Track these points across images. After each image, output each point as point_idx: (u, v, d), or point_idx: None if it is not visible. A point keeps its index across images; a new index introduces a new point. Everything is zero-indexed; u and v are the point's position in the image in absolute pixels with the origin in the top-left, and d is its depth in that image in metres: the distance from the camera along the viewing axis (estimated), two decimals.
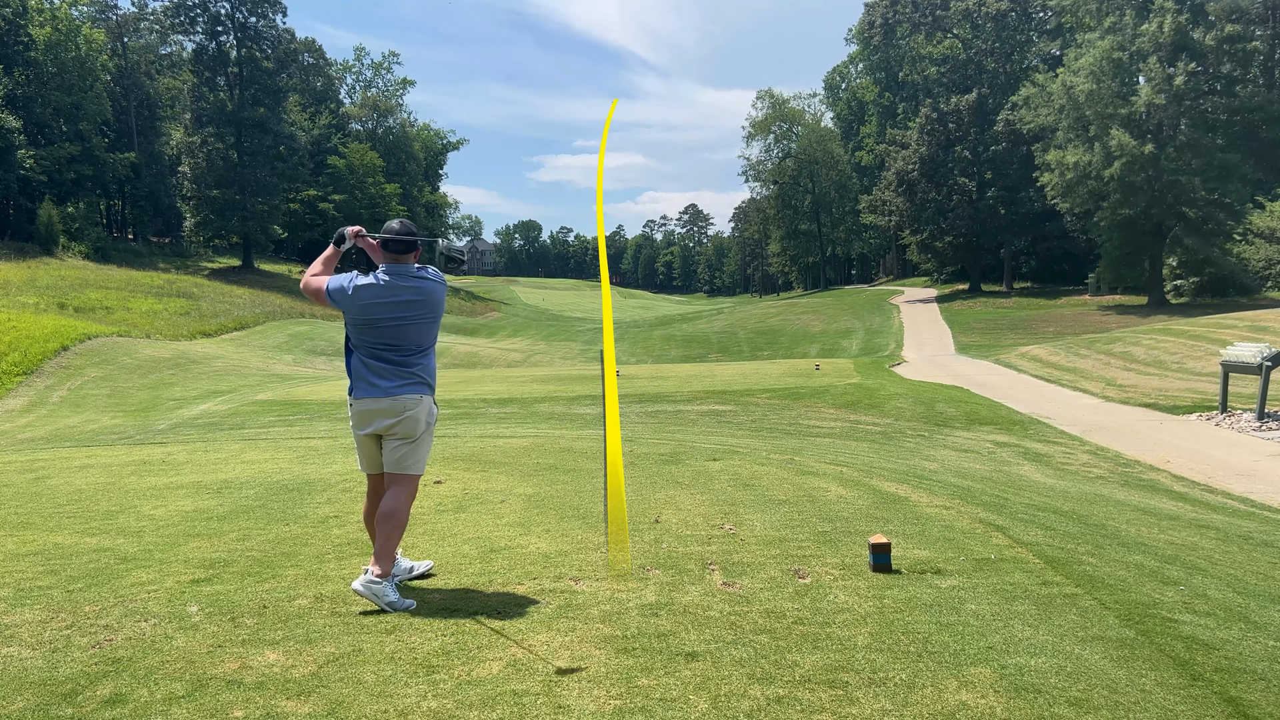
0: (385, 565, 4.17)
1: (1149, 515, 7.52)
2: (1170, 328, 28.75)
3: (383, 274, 4.37)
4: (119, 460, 9.46)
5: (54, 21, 56.65)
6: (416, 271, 4.42)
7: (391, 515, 4.26)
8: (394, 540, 4.24)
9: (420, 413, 4.36)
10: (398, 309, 4.32)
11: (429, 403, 4.43)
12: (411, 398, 4.34)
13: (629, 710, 3.02)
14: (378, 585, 4.10)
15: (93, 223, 57.44)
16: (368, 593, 4.09)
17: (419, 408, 4.35)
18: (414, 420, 4.34)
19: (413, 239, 4.40)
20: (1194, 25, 43.51)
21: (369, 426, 4.35)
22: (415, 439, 4.36)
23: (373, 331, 4.34)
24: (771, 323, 54.64)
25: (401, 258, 4.41)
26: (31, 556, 5.24)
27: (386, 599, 4.09)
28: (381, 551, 4.20)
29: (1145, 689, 3.19)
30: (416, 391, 4.36)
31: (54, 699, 3.20)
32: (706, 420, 15.29)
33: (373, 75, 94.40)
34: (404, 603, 4.14)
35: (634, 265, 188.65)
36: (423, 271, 4.44)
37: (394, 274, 4.36)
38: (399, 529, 4.27)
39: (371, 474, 4.50)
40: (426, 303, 4.39)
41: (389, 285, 4.32)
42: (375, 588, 4.10)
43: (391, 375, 4.32)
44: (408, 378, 4.35)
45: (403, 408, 4.31)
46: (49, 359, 27.70)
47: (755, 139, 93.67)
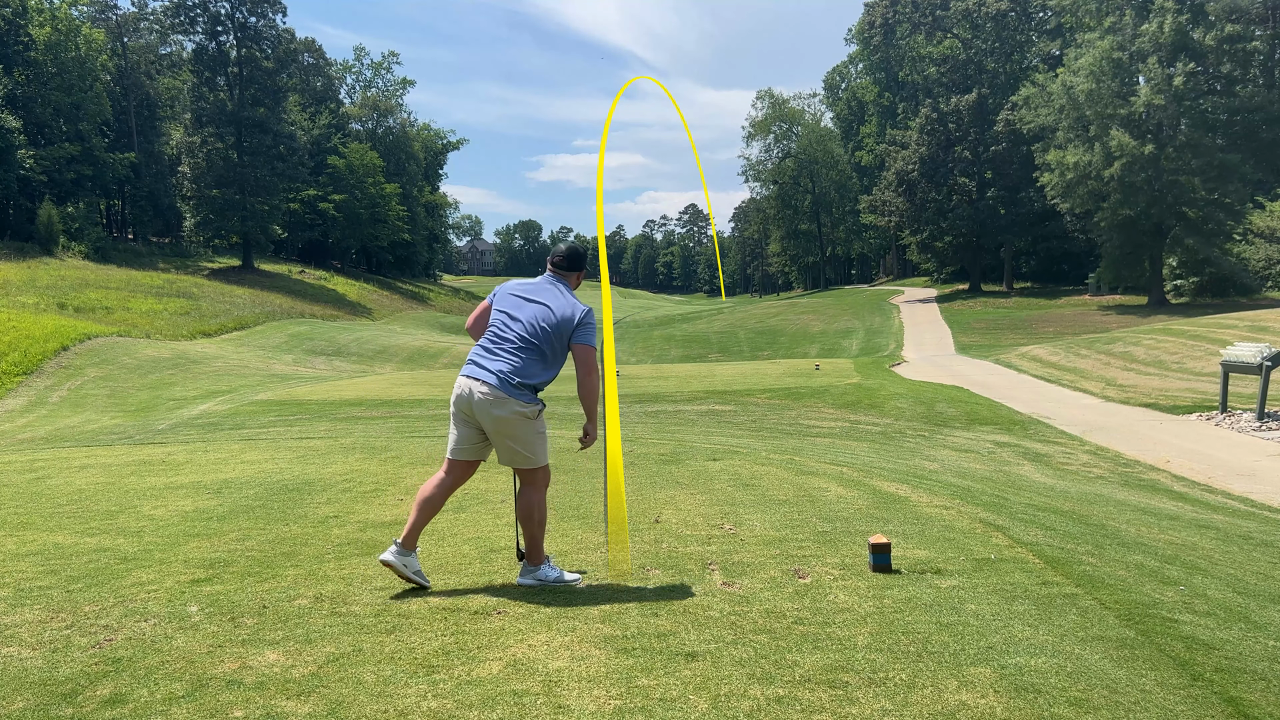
0: (537, 555, 4.50)
1: (1149, 515, 7.52)
2: (1170, 328, 28.75)
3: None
4: (119, 460, 9.46)
5: (54, 21, 56.63)
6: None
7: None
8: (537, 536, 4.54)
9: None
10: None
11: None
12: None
13: (629, 710, 3.02)
14: (537, 570, 4.45)
15: (93, 223, 57.42)
16: (533, 581, 4.43)
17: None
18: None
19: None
20: (1194, 25, 43.53)
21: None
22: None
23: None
24: (771, 323, 54.63)
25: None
26: (31, 556, 5.24)
27: (554, 576, 4.45)
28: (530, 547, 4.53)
29: (1145, 689, 3.19)
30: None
31: (54, 699, 3.20)
32: (706, 420, 15.29)
33: (373, 75, 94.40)
34: (570, 577, 4.49)
35: (634, 265, 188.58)
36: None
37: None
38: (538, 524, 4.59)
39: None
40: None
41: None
42: (537, 574, 4.44)
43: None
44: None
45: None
46: (49, 359, 27.70)
47: (755, 139, 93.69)
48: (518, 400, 4.34)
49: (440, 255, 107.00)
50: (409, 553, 4.38)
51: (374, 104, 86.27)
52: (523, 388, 4.36)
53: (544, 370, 4.42)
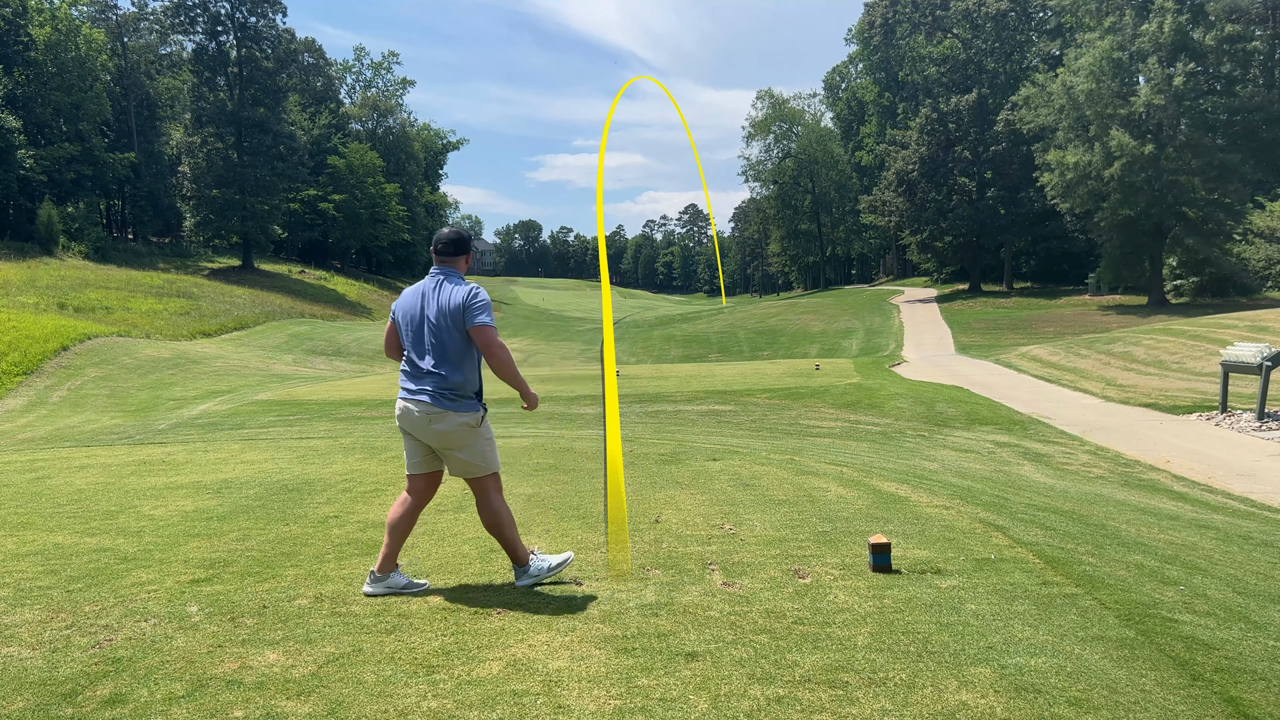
0: (520, 555, 4.49)
1: (1149, 515, 7.52)
2: (1170, 328, 28.75)
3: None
4: (119, 460, 9.46)
5: (54, 21, 56.63)
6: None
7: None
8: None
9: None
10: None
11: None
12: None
13: (629, 710, 3.02)
14: (529, 568, 4.43)
15: (93, 223, 57.41)
16: (531, 580, 4.42)
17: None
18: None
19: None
20: (1194, 25, 43.52)
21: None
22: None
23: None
24: (771, 323, 54.64)
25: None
26: (31, 556, 5.24)
27: (547, 566, 4.47)
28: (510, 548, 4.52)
29: (1145, 689, 3.19)
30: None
31: (54, 699, 3.20)
32: (706, 420, 15.29)
33: (373, 75, 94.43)
34: (560, 558, 4.55)
35: (634, 265, 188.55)
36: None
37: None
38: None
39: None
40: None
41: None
42: (530, 571, 4.42)
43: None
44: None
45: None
46: (49, 359, 27.70)
47: (755, 139, 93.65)
48: (457, 412, 4.25)
49: None
50: (388, 574, 4.36)
51: (374, 104, 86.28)
52: (458, 396, 4.27)
53: (470, 370, 4.32)
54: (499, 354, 4.27)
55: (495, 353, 4.27)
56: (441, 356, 4.28)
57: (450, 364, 4.27)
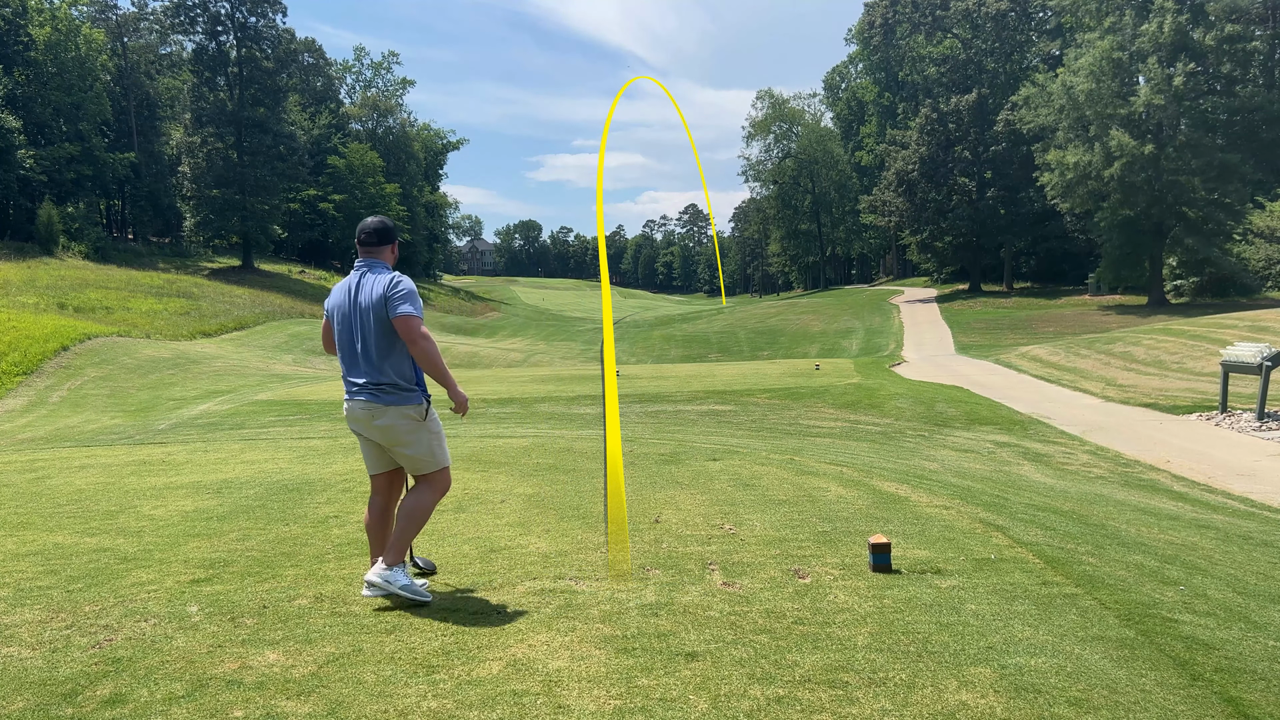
0: (394, 557, 4.21)
1: (1149, 515, 7.52)
2: (1170, 328, 28.75)
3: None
4: (119, 460, 9.46)
5: (54, 21, 56.63)
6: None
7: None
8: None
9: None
10: None
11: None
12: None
13: (629, 710, 3.02)
14: (388, 571, 4.14)
15: (93, 223, 57.41)
16: (380, 583, 4.11)
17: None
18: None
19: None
20: (1194, 25, 43.51)
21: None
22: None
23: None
24: (771, 323, 54.63)
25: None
26: (31, 556, 5.24)
27: (400, 584, 4.12)
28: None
29: (1145, 689, 3.19)
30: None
31: (54, 699, 3.20)
32: (706, 420, 15.28)
33: (373, 75, 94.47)
34: (418, 586, 4.19)
35: (634, 265, 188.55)
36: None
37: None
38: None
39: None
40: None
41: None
42: (387, 575, 4.12)
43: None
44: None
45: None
46: (49, 359, 27.70)
47: (755, 139, 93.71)
48: (398, 405, 4.15)
49: (440, 255, 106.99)
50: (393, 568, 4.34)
51: (374, 104, 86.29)
52: (395, 389, 4.16)
53: (403, 362, 4.19)
54: (422, 344, 4.11)
55: (418, 343, 4.11)
56: (373, 351, 4.16)
57: (382, 358, 4.15)
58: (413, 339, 4.11)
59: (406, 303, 4.12)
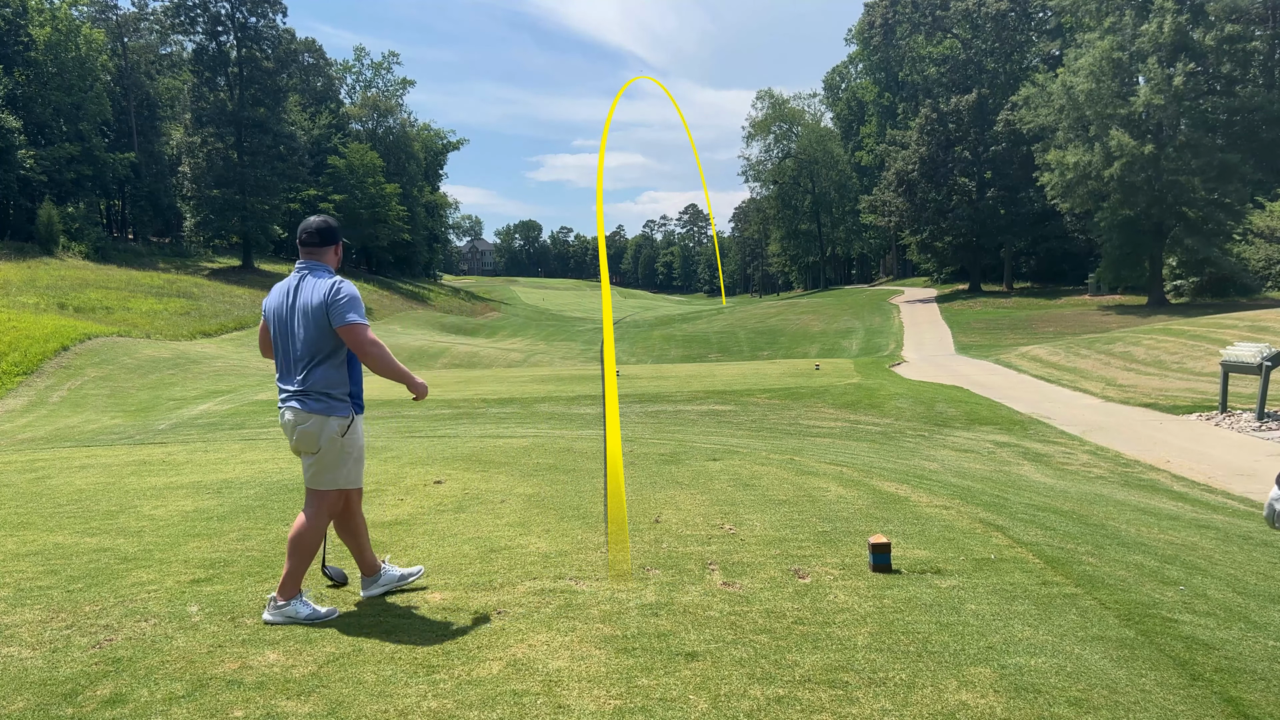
0: (290, 589, 4.02)
1: (1149, 515, 7.52)
2: (1170, 328, 28.74)
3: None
4: (119, 460, 9.46)
5: (54, 21, 56.62)
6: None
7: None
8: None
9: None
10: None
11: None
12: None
13: (629, 710, 3.02)
14: (286, 606, 3.95)
15: (93, 223, 57.40)
16: (280, 618, 3.94)
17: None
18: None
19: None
20: (1194, 25, 43.51)
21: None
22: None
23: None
24: (771, 323, 54.63)
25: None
26: (31, 556, 5.24)
27: (303, 615, 3.96)
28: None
29: (1145, 689, 3.19)
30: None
31: (54, 699, 3.20)
32: (706, 420, 15.28)
33: (373, 75, 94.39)
34: (323, 612, 4.03)
35: (634, 265, 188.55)
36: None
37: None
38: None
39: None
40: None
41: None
42: (286, 609, 3.94)
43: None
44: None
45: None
46: (49, 359, 27.69)
47: (755, 139, 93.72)
48: (324, 415, 3.98)
49: (440, 255, 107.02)
50: (377, 575, 4.29)
51: (374, 104, 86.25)
52: (325, 398, 3.98)
53: (337, 370, 4.02)
54: (372, 351, 3.95)
55: (368, 350, 3.95)
56: (306, 358, 3.99)
57: (315, 365, 3.98)
58: (362, 349, 3.96)
59: (351, 310, 3.95)
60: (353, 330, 3.94)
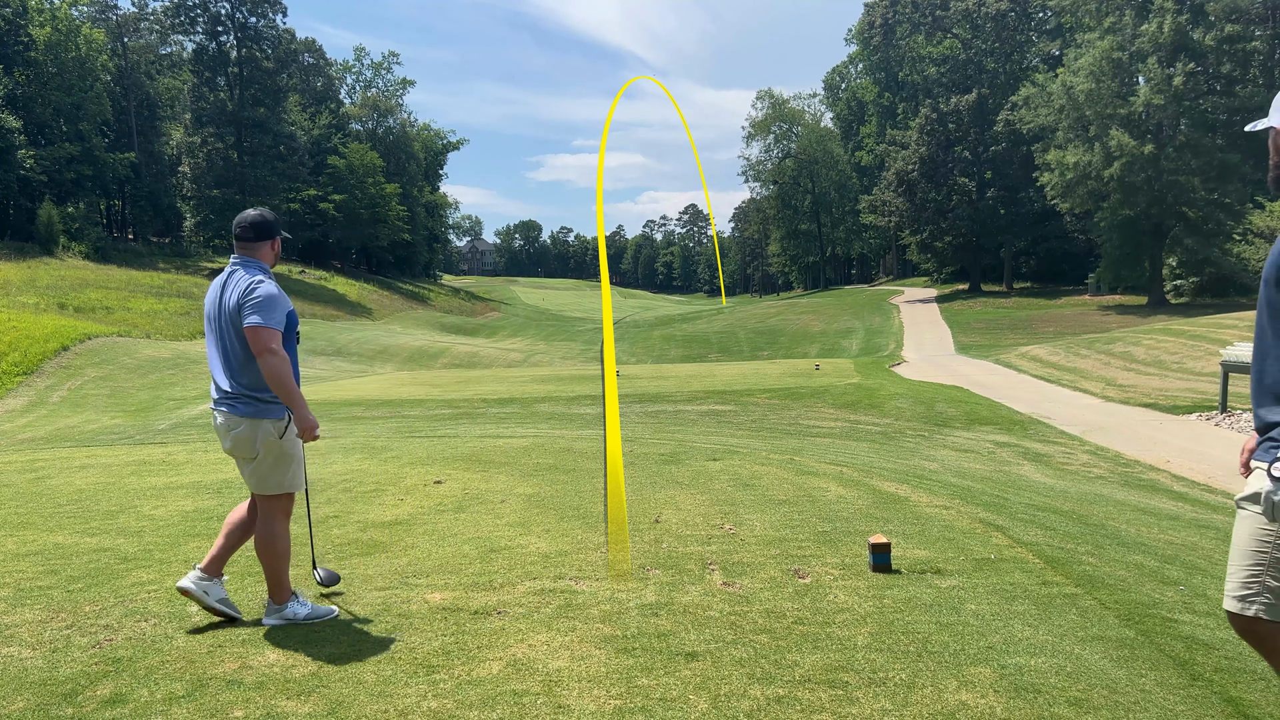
0: (282, 594, 3.98)
1: (1149, 515, 7.52)
2: (1170, 328, 28.74)
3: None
4: (119, 460, 9.46)
5: (54, 21, 56.61)
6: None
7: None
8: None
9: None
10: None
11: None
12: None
13: (629, 710, 3.02)
14: (284, 609, 3.95)
15: (93, 223, 57.38)
16: (279, 621, 3.93)
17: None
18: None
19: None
20: (1194, 25, 43.51)
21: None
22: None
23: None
24: (771, 323, 54.62)
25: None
26: (31, 556, 5.24)
27: (303, 613, 3.96)
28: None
29: (1145, 689, 3.19)
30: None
31: (54, 699, 3.20)
32: (706, 420, 15.28)
33: (373, 75, 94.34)
34: (323, 610, 4.02)
35: (634, 265, 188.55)
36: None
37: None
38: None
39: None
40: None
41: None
42: (285, 613, 3.94)
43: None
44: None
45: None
46: (49, 359, 27.69)
47: (755, 139, 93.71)
48: (255, 418, 3.84)
49: (440, 255, 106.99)
50: (211, 579, 3.95)
51: (374, 104, 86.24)
52: (255, 400, 3.84)
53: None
54: (268, 360, 3.72)
55: (264, 358, 3.72)
56: (233, 358, 3.87)
57: (241, 366, 3.85)
58: (259, 351, 3.75)
59: (258, 312, 3.76)
60: (256, 333, 3.74)
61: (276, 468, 3.92)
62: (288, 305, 3.93)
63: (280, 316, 3.83)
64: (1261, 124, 2.56)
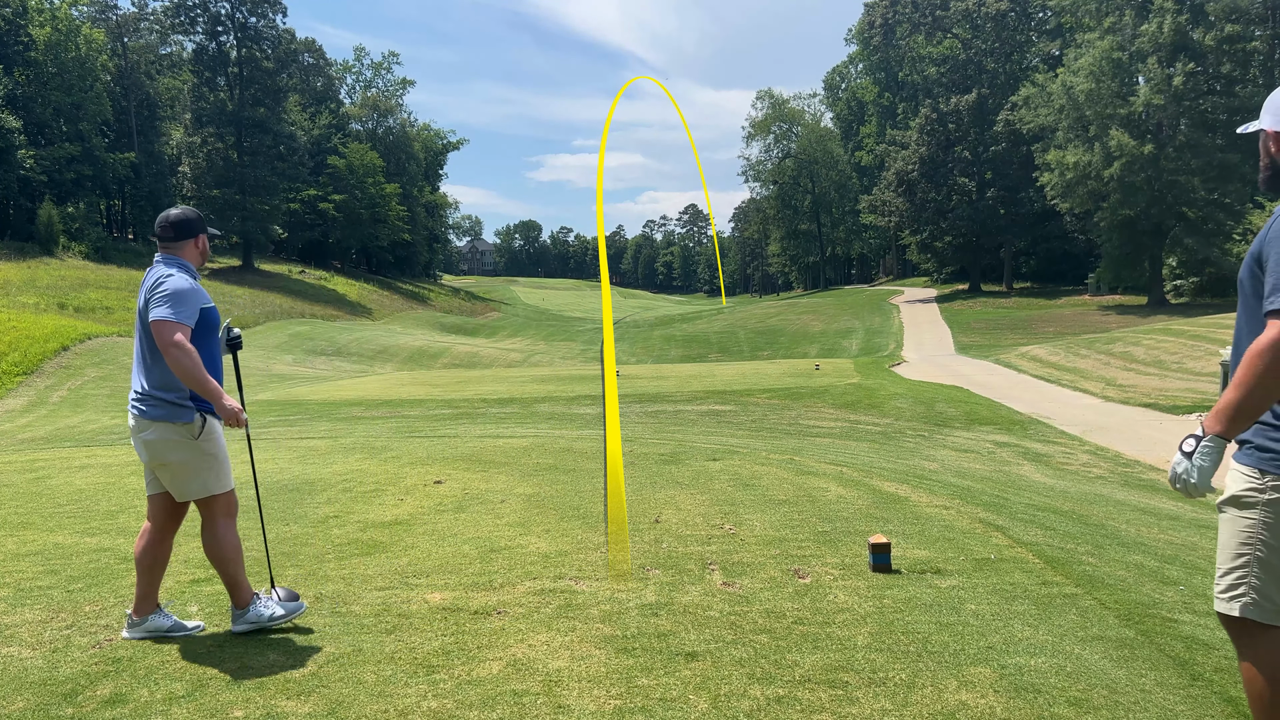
0: (242, 596, 3.88)
1: (1149, 515, 7.52)
2: (1170, 328, 28.75)
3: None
4: (119, 460, 9.46)
5: (54, 21, 56.59)
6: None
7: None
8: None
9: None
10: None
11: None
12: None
13: (629, 710, 3.02)
14: (248, 613, 3.85)
15: (93, 223, 57.37)
16: (248, 626, 3.83)
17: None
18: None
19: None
20: (1193, 25, 43.51)
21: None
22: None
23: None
24: (771, 323, 54.62)
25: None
26: (31, 556, 5.24)
27: (270, 615, 3.86)
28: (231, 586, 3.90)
29: (1145, 689, 3.19)
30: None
31: (54, 699, 3.20)
32: (706, 420, 15.28)
33: (373, 75, 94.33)
34: (291, 606, 3.94)
35: (634, 265, 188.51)
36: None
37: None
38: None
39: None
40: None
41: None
42: (249, 616, 3.84)
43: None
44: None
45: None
46: (49, 359, 27.69)
47: (755, 139, 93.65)
48: (164, 421, 3.70)
49: (440, 255, 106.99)
50: (145, 617, 3.80)
51: (374, 104, 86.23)
52: (163, 402, 3.70)
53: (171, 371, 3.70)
54: (173, 354, 3.54)
55: (170, 352, 3.55)
56: (144, 358, 3.76)
57: (150, 365, 3.73)
58: (163, 346, 3.57)
59: (163, 305, 3.60)
60: (159, 327, 3.57)
61: (198, 471, 3.77)
62: (203, 301, 3.75)
63: (190, 312, 3.66)
64: (1253, 126, 2.59)
